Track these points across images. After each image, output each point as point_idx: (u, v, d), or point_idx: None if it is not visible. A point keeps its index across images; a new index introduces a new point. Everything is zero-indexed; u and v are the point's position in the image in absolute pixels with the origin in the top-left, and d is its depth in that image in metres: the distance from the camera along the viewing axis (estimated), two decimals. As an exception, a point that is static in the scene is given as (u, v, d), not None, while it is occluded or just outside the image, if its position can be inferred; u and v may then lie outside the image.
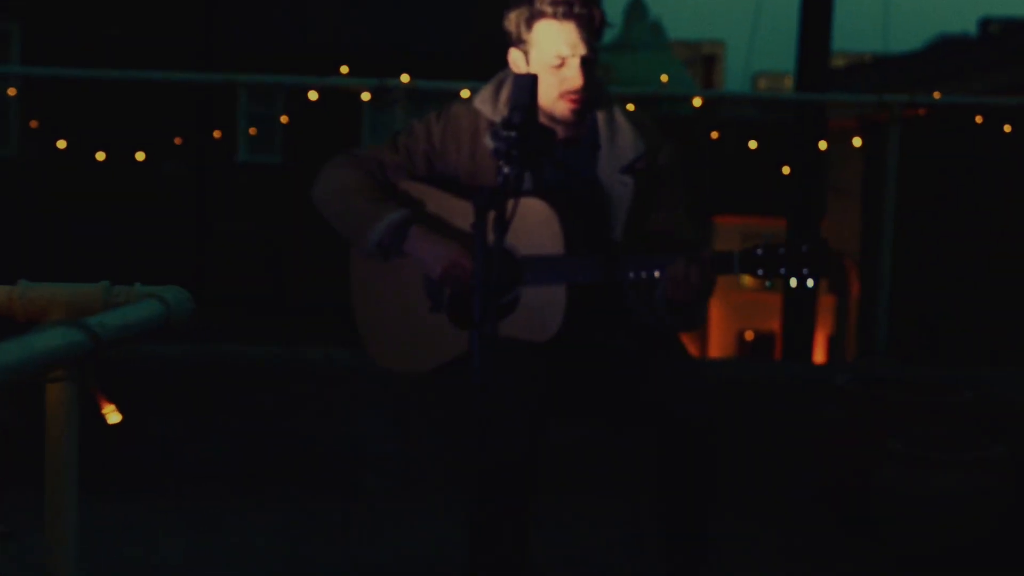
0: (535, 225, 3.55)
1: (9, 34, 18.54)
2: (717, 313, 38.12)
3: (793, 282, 3.33)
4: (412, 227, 3.64)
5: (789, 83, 57.00)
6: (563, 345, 3.57)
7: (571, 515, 4.93)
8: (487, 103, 3.73)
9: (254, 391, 5.27)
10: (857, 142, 15.08)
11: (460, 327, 3.66)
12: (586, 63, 3.61)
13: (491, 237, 3.08)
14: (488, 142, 3.20)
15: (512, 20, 3.66)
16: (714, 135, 17.79)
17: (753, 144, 8.21)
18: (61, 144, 7.69)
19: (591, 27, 3.61)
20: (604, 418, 3.92)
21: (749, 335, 37.03)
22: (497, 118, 3.63)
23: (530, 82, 3.27)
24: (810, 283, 3.33)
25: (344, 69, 5.96)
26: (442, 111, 3.82)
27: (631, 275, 3.43)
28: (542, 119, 3.66)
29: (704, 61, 43.13)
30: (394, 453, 5.19)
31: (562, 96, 3.62)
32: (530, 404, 3.41)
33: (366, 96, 5.62)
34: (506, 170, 3.16)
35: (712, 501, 3.61)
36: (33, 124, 15.58)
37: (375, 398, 5.20)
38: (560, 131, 3.70)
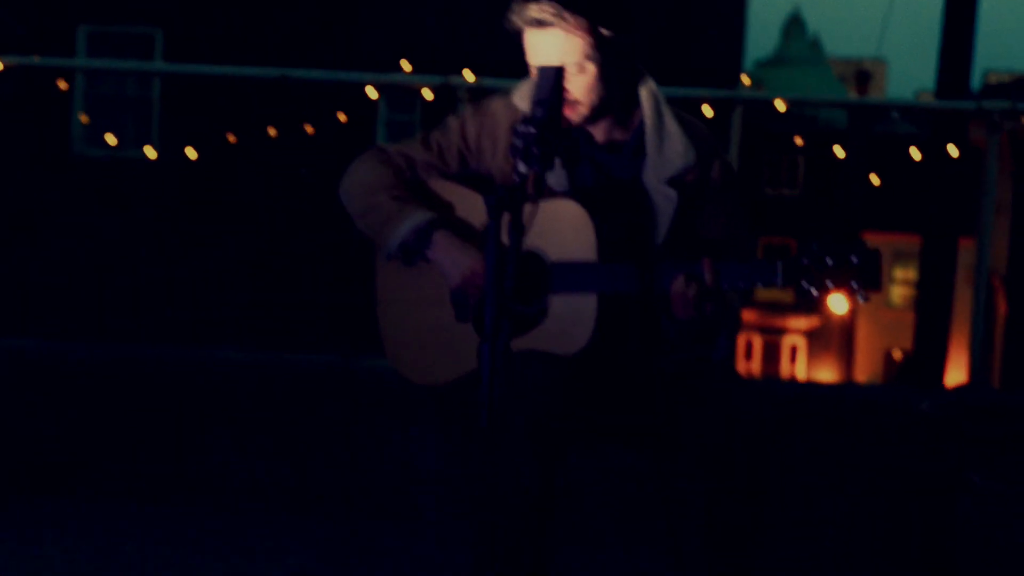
0: (567, 229, 3.30)
1: (152, 39, 18.76)
2: (863, 331, 37.50)
3: (843, 297, 3.07)
4: (436, 231, 3.41)
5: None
6: (593, 361, 3.31)
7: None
8: (525, 98, 3.44)
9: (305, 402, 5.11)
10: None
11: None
12: (567, 74, 3.26)
13: (507, 240, 2.87)
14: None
15: (510, 26, 3.42)
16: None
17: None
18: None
19: (569, 35, 3.26)
20: (638, 446, 3.62)
21: (897, 354, 36.27)
22: None
23: (553, 75, 3.04)
24: (860, 299, 3.06)
25: (406, 66, 5.75)
26: (479, 106, 3.56)
27: (667, 286, 3.19)
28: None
29: (858, 77, 42.31)
30: (451, 474, 4.96)
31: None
32: (546, 427, 3.15)
33: (428, 94, 5.41)
34: (522, 169, 2.93)
35: (761, 543, 3.29)
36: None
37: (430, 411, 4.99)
38: (599, 133, 3.44)
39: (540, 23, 3.27)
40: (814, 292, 3.10)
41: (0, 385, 5.15)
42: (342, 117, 5.55)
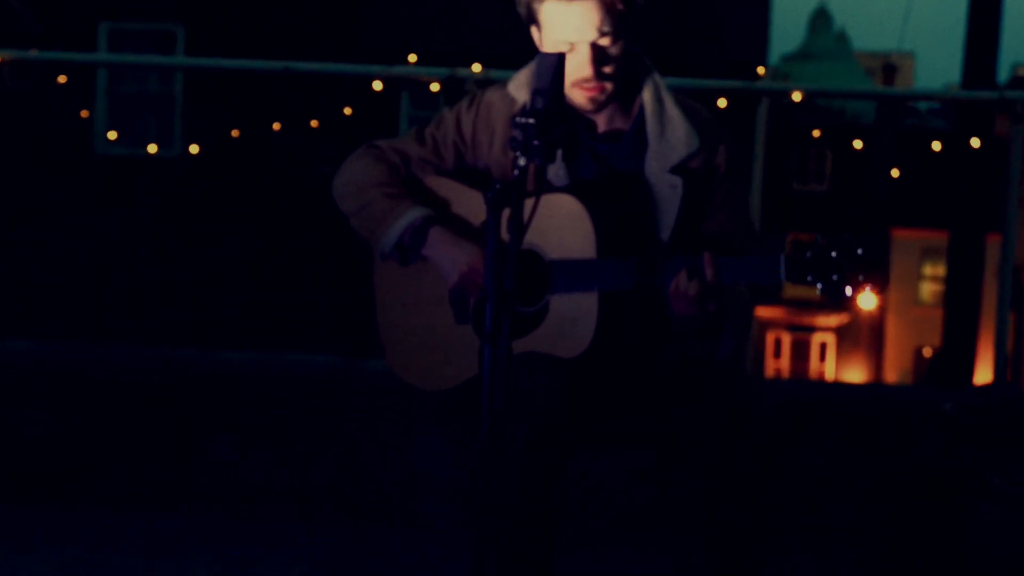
0: (565, 225, 3.18)
1: (173, 35, 18.72)
2: (893, 329, 37.29)
3: (848, 291, 2.94)
4: (432, 228, 3.28)
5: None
6: (597, 362, 3.18)
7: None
8: (522, 88, 3.32)
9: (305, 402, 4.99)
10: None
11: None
12: (597, 50, 3.18)
13: (507, 237, 2.74)
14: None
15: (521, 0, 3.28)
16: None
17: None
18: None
19: (603, 7, 3.16)
20: (642, 446, 3.49)
21: (927, 351, 36.02)
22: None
23: (554, 63, 2.89)
24: (868, 292, 2.93)
25: (412, 58, 5.62)
26: (475, 98, 3.44)
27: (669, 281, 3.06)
28: (578, 108, 3.28)
29: (884, 70, 42.04)
30: (456, 479, 4.83)
31: (575, 85, 3.21)
32: (549, 433, 3.03)
33: (435, 87, 5.28)
34: (522, 162, 2.81)
35: (764, 546, 3.17)
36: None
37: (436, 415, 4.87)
38: (601, 122, 3.31)
39: None
40: (819, 287, 2.97)
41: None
42: (347, 111, 5.44)
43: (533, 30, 3.30)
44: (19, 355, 5.18)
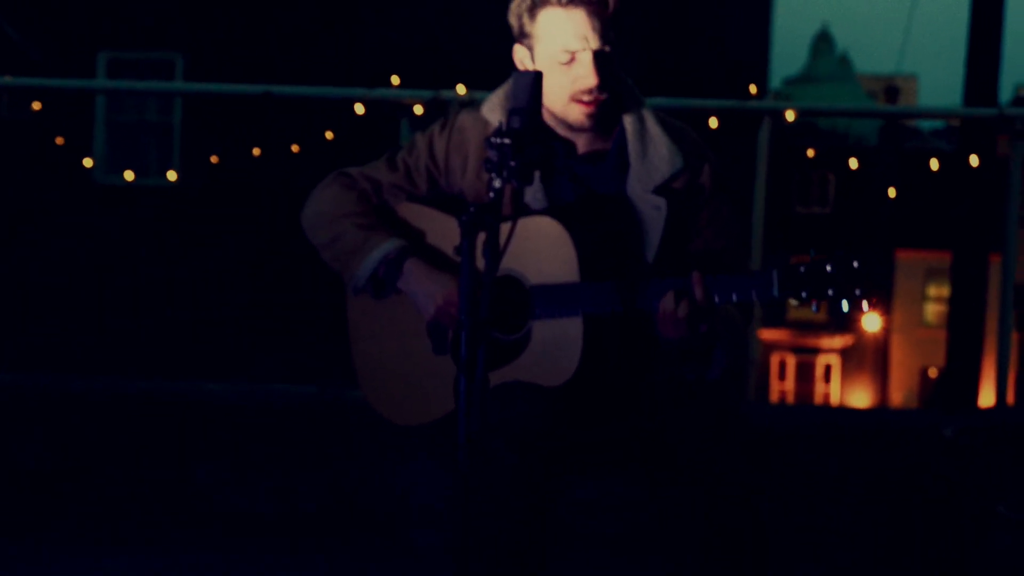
0: (546, 249, 3.07)
1: (172, 64, 18.67)
2: (898, 350, 37.14)
3: (845, 306, 2.83)
4: (407, 260, 3.17)
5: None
6: (582, 390, 3.06)
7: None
8: (496, 110, 3.22)
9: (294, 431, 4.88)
10: None
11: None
12: (601, 58, 3.09)
13: (482, 263, 2.64)
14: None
15: (514, 11, 3.17)
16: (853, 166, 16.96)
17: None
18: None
19: (604, 15, 3.08)
20: (632, 477, 3.36)
21: (933, 372, 35.86)
22: None
23: (530, 81, 2.79)
24: (866, 307, 2.82)
25: (395, 79, 5.49)
26: (447, 121, 3.33)
27: (656, 303, 2.94)
28: (558, 128, 3.18)
29: (887, 93, 41.96)
30: (443, 507, 4.72)
31: (574, 98, 3.11)
32: (531, 466, 2.91)
33: (419, 110, 5.16)
34: (497, 184, 2.70)
35: (764, 548, 3.02)
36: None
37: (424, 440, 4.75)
38: (581, 144, 3.20)
39: (575, 1, 3.06)
40: (814, 304, 2.86)
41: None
42: (328, 135, 5.35)
43: (518, 48, 3.19)
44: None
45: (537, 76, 2.79)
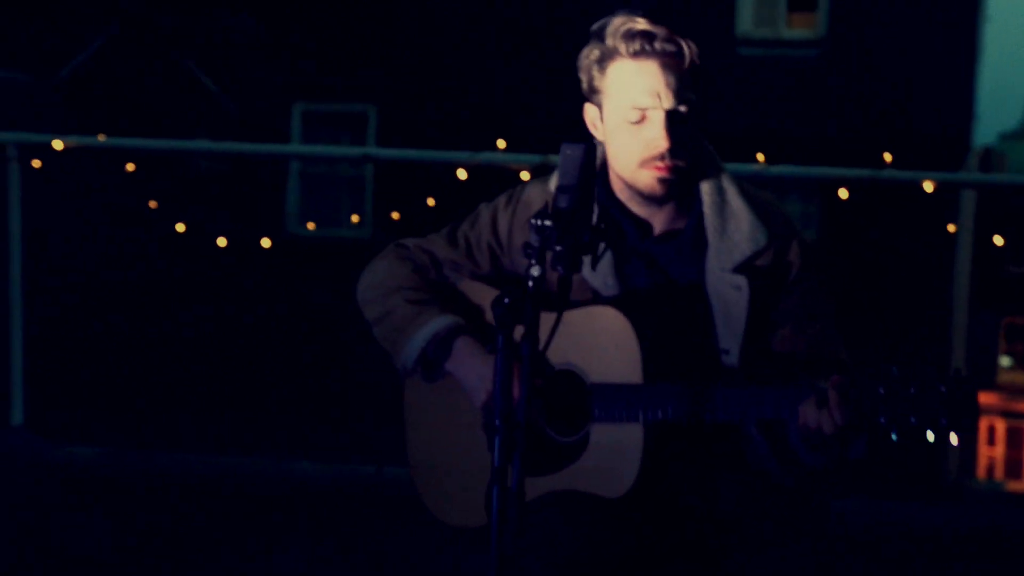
0: (609, 342, 2.75)
1: (365, 116, 18.80)
2: None
3: (930, 436, 2.42)
4: (458, 339, 2.86)
5: None
6: (642, 502, 2.71)
7: None
8: None
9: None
10: None
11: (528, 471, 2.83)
12: (674, 118, 2.73)
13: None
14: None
15: (583, 64, 2.83)
16: None
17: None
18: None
19: (680, 69, 2.73)
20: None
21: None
22: None
23: (580, 155, 2.50)
24: (953, 439, 2.41)
25: (501, 143, 5.21)
26: (512, 194, 3.02)
27: (722, 415, 2.59)
28: (631, 202, 2.85)
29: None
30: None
31: (644, 164, 2.76)
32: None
33: (526, 176, 4.87)
34: (535, 272, 2.39)
35: None
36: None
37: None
38: (659, 222, 2.86)
39: (645, 51, 2.71)
40: (894, 434, 2.44)
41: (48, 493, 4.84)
42: (430, 201, 5.14)
43: (588, 108, 2.87)
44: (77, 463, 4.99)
45: (589, 148, 2.49)
